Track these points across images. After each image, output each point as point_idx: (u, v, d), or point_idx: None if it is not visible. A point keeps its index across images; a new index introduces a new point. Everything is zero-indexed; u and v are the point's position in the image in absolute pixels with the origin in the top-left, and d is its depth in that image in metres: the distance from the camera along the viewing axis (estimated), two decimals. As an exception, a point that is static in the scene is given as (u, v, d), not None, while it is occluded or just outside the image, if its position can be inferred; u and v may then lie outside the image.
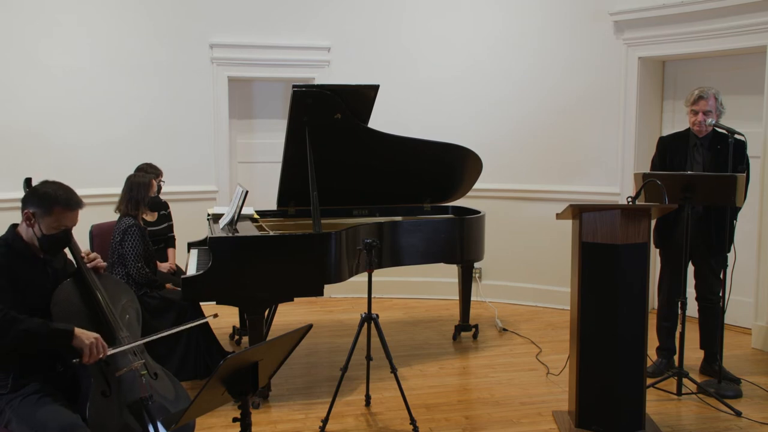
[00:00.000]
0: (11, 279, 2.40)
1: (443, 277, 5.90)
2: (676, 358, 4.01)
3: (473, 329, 5.06)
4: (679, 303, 3.88)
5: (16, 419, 2.35)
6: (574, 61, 5.72)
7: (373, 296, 3.67)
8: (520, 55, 5.90)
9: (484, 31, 6.01)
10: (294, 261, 3.83)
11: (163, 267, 4.56)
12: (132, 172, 4.51)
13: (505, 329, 5.27)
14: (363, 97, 4.33)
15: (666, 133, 5.21)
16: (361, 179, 4.81)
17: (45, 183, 2.53)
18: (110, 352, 2.42)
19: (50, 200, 2.46)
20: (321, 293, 3.88)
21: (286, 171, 4.49)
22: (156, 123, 5.85)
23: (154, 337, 2.62)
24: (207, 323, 4.13)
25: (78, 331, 2.37)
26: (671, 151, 4.20)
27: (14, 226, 2.54)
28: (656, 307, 4.40)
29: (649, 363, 3.68)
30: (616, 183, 5.63)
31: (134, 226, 4.03)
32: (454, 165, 4.92)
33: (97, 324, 2.53)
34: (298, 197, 4.69)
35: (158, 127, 5.86)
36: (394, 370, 3.54)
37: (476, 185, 5.11)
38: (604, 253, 3.34)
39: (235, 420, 2.11)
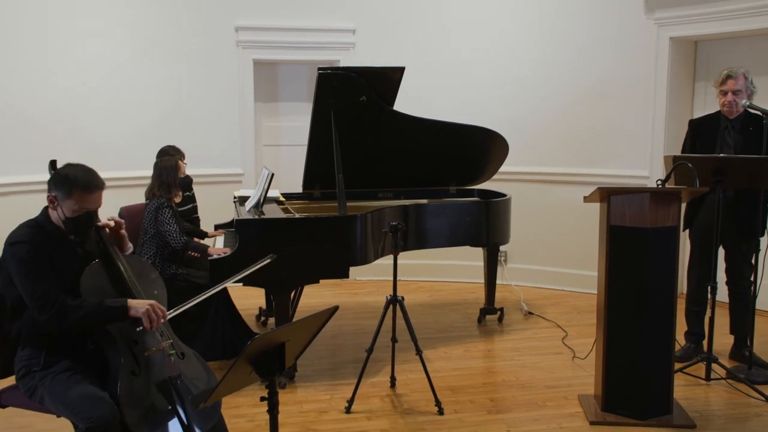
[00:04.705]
0: (46, 259, 2.44)
1: (468, 260, 5.88)
2: (705, 343, 3.96)
3: (498, 312, 5.05)
4: (709, 288, 3.82)
5: (48, 396, 2.41)
6: (603, 42, 5.61)
7: (398, 279, 3.67)
8: (549, 36, 5.81)
9: (512, 11, 5.93)
10: (319, 243, 3.84)
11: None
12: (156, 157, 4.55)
13: (530, 313, 5.24)
14: (388, 79, 4.30)
15: (697, 115, 5.11)
16: (387, 162, 4.80)
17: (67, 166, 2.54)
18: (170, 315, 2.51)
19: (69, 183, 2.47)
20: (346, 275, 3.90)
21: (311, 154, 4.49)
22: (182, 106, 5.90)
23: (182, 309, 2.65)
24: (233, 304, 4.19)
25: (131, 302, 2.43)
26: (701, 133, 4.12)
27: (47, 208, 2.57)
28: (685, 291, 4.34)
29: (677, 348, 3.64)
30: (645, 166, 5.54)
31: (166, 204, 4.09)
32: (480, 148, 4.88)
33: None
34: (323, 180, 4.70)
35: (184, 110, 5.90)
36: (419, 353, 3.55)
37: (502, 168, 5.07)
38: (632, 236, 3.29)
39: (262, 399, 2.13)
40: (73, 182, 2.47)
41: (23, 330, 2.46)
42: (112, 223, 2.65)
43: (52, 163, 2.72)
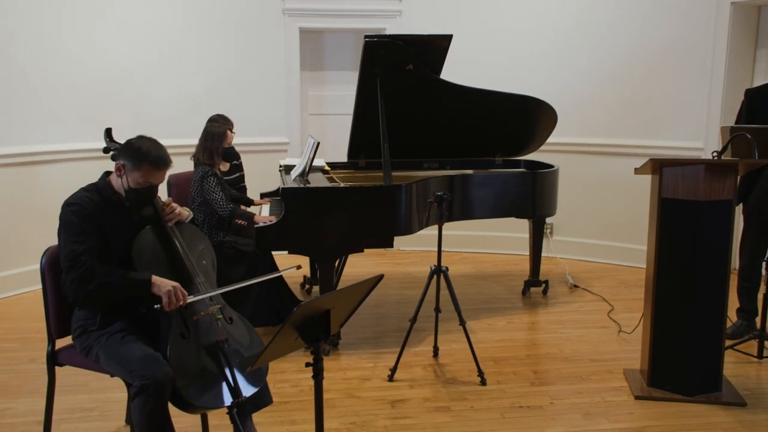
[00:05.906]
0: (98, 224, 2.50)
1: (513, 232, 5.83)
2: (758, 320, 3.85)
3: (543, 285, 5.00)
4: (764, 263, 3.70)
5: (104, 355, 2.49)
6: (658, 7, 5.41)
7: (442, 250, 3.66)
8: (600, 1, 5.63)
9: (563, -24, 5.76)
10: (364, 213, 3.85)
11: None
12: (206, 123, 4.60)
13: (576, 286, 5.18)
14: (435, 47, 4.24)
15: (757, 84, 4.90)
16: (432, 131, 4.76)
17: (140, 138, 2.59)
18: (190, 299, 2.50)
19: (141, 156, 2.52)
20: (391, 245, 3.90)
21: (357, 123, 4.48)
22: (229, 75, 5.94)
23: (230, 288, 2.68)
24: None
25: (156, 279, 2.46)
26: (759, 103, 3.95)
27: (107, 174, 2.63)
28: (737, 267, 4.22)
29: (728, 324, 3.55)
30: (699, 137, 5.36)
31: (210, 172, 4.15)
32: (527, 117, 4.79)
33: (175, 270, 2.63)
34: (368, 149, 4.69)
35: (231, 79, 5.95)
36: (462, 323, 3.55)
37: (550, 139, 4.98)
38: (685, 209, 3.20)
39: (307, 365, 2.16)
40: (145, 156, 2.52)
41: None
42: (174, 210, 2.72)
43: (108, 131, 2.78)
